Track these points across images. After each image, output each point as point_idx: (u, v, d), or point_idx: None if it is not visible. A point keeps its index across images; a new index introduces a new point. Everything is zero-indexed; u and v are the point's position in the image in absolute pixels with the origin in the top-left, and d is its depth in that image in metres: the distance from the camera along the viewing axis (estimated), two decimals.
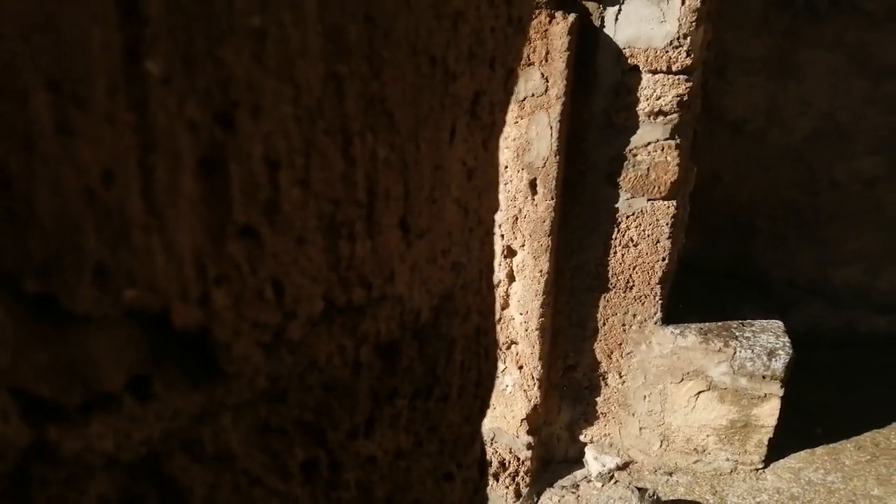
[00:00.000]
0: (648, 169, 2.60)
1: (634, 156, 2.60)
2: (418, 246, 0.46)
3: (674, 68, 2.47)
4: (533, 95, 2.49)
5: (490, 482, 2.89)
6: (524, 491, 2.91)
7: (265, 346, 0.34)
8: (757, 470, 2.90)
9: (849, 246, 3.53)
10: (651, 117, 2.54)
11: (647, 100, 2.52)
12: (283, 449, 0.36)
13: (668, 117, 2.53)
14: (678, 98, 2.50)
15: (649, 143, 2.58)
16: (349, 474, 0.43)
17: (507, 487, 2.90)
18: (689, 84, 2.49)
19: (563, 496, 2.94)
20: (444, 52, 0.45)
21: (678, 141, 2.57)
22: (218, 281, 0.32)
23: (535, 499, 2.93)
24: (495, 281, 2.82)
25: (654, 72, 2.49)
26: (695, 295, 3.23)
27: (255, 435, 0.35)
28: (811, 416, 3.20)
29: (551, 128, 2.49)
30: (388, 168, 0.40)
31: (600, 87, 2.55)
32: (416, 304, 0.48)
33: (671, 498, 2.85)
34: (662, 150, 2.57)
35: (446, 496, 0.61)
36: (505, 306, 2.83)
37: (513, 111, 2.53)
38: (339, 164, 0.35)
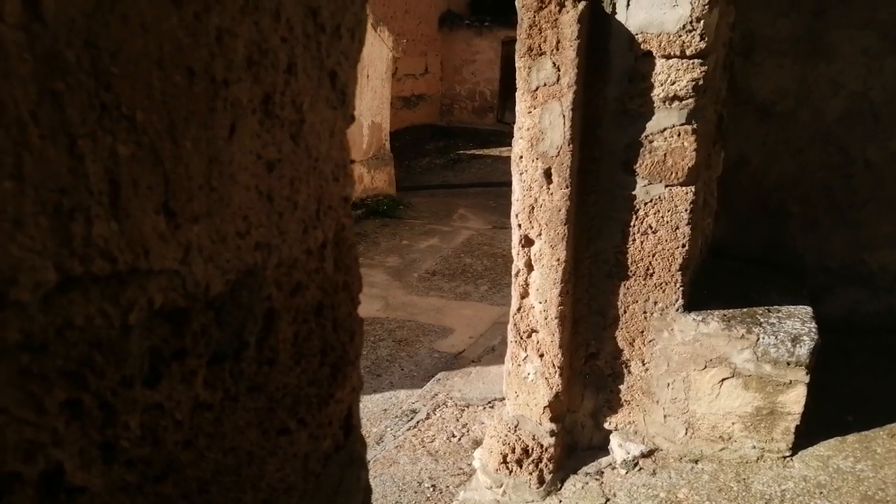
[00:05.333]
0: (665, 155, 2.58)
1: (651, 142, 2.58)
2: (194, 228, 0.53)
3: (688, 52, 2.44)
4: (545, 85, 2.50)
5: (513, 469, 2.92)
6: (547, 477, 2.93)
7: None
8: (784, 458, 2.86)
9: (885, 229, 3.42)
10: (666, 103, 2.52)
11: (662, 85, 2.50)
12: (41, 390, 0.43)
13: (684, 102, 2.51)
14: (693, 82, 2.47)
15: (665, 129, 2.55)
16: (128, 417, 0.49)
17: (531, 474, 2.92)
18: (703, 68, 2.46)
19: (587, 483, 2.95)
20: (206, 64, 0.51)
21: (695, 126, 2.54)
22: None
23: (559, 485, 2.95)
24: (514, 270, 2.85)
25: (668, 56, 2.47)
26: (723, 281, 3.19)
27: (17, 378, 0.42)
28: (843, 403, 3.13)
29: (564, 116, 2.49)
30: (136, 163, 0.46)
31: (613, 74, 2.54)
32: (200, 277, 0.54)
33: (696, 485, 2.84)
34: (679, 135, 2.55)
35: (282, 448, 0.69)
36: (524, 295, 2.85)
37: (525, 101, 2.54)
38: (65, 160, 0.41)
